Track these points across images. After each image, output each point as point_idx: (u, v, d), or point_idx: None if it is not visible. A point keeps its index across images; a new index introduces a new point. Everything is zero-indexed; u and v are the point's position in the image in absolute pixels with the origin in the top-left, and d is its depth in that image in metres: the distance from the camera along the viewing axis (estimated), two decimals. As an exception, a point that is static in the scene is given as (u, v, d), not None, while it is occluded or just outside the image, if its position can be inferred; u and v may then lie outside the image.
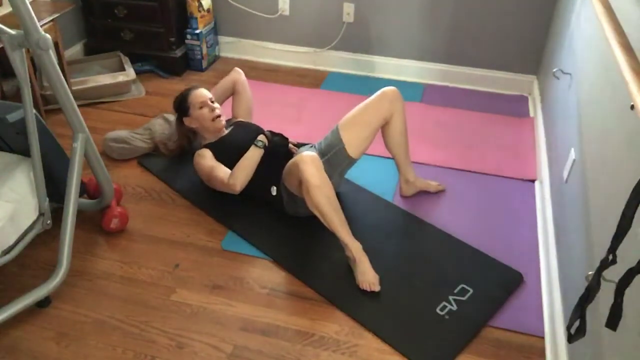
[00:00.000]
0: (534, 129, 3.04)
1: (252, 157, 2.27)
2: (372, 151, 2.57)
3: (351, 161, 2.31)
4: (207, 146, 2.44)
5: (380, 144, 2.44)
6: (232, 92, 2.73)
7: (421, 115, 3.14)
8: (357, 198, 2.49)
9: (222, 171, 2.31)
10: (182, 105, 2.52)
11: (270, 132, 2.36)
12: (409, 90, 3.34)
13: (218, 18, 3.70)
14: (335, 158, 2.27)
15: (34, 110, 1.85)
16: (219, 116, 2.48)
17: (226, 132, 2.53)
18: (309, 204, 2.05)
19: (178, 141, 2.65)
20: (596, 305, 1.42)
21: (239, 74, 2.75)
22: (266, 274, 2.13)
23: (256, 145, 2.28)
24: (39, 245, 2.18)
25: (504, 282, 2.09)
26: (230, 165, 2.32)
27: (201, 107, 2.47)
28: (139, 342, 1.86)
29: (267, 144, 2.29)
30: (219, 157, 2.38)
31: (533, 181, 2.65)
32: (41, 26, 1.79)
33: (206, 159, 2.37)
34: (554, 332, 1.84)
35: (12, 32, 1.72)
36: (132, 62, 3.43)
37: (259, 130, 2.51)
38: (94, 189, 2.39)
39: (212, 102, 2.51)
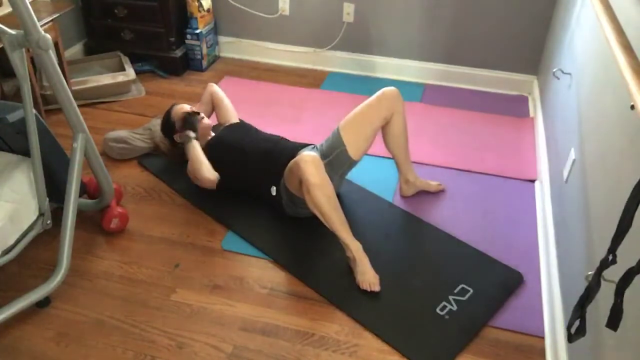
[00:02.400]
0: (534, 129, 3.04)
1: (191, 151, 2.42)
2: (372, 151, 2.57)
3: (352, 163, 2.31)
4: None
5: (380, 144, 2.44)
6: (213, 105, 2.81)
7: (421, 115, 3.14)
8: (357, 198, 2.49)
9: (205, 167, 2.38)
10: (168, 123, 2.59)
11: (188, 113, 2.52)
12: (409, 90, 3.34)
13: (218, 18, 3.70)
14: (337, 160, 2.28)
15: (34, 110, 1.85)
16: (202, 117, 2.56)
17: (214, 134, 2.58)
18: (309, 203, 2.05)
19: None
20: (596, 305, 1.42)
21: (212, 86, 2.84)
22: (266, 274, 2.13)
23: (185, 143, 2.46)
24: (39, 245, 2.18)
25: (504, 282, 2.09)
26: (226, 163, 2.37)
27: None
28: (139, 342, 1.86)
29: (193, 135, 2.46)
30: (214, 156, 2.42)
31: (533, 181, 2.65)
32: (41, 26, 1.79)
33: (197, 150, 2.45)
34: (554, 332, 1.84)
35: (12, 32, 1.72)
36: (132, 62, 3.43)
37: (248, 127, 2.57)
38: (94, 189, 2.39)
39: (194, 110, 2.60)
